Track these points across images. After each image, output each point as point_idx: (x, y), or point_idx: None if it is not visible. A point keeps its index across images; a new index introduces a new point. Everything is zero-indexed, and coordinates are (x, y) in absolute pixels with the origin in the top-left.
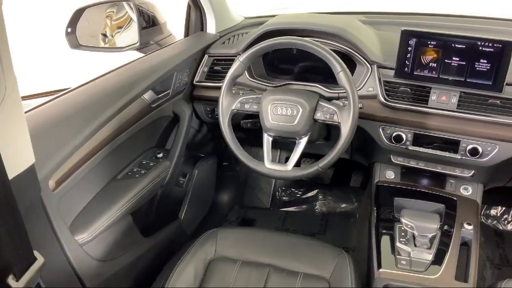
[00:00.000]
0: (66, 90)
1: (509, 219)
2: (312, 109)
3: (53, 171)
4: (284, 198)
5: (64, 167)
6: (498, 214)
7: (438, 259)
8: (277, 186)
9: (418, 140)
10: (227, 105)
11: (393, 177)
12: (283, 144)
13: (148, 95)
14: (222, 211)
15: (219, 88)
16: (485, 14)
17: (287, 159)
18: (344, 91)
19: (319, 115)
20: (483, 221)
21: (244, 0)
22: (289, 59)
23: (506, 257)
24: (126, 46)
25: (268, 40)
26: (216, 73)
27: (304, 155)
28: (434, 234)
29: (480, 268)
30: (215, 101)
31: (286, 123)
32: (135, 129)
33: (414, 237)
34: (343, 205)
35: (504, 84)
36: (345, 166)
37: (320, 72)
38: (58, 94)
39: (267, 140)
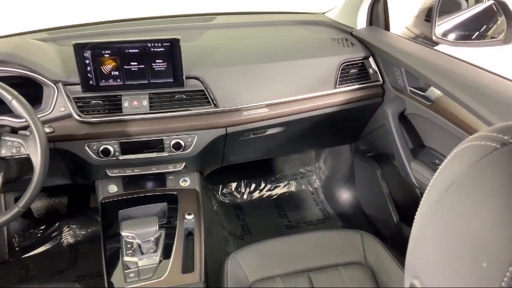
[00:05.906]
0: None
1: (242, 191)
2: None
3: None
4: (23, 243)
5: None
6: (233, 190)
7: (165, 259)
8: (11, 233)
9: (126, 148)
10: None
11: (116, 190)
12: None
13: None
14: None
15: None
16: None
17: None
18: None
19: (4, 152)
20: (222, 200)
21: None
22: None
23: (246, 226)
24: None
25: None
26: None
27: None
28: (157, 235)
29: (223, 246)
30: None
31: None
32: None
33: (139, 245)
34: (90, 229)
35: (184, 78)
36: (79, 189)
37: None
38: None
39: None
